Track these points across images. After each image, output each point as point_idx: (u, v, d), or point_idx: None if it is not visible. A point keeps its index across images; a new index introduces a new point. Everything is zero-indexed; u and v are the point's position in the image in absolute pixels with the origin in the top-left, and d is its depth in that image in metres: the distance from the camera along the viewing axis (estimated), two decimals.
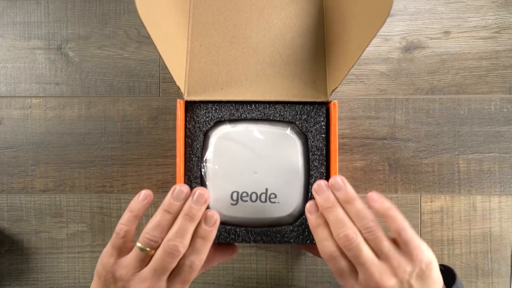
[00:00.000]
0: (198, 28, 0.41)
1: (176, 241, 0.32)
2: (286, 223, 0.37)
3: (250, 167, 0.37)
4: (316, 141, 0.37)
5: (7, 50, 0.48)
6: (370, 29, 0.29)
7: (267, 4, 0.42)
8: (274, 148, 0.37)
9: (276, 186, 0.37)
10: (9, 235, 0.48)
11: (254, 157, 0.37)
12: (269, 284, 0.48)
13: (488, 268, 0.47)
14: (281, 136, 0.37)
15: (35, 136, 0.48)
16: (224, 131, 0.37)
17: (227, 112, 0.38)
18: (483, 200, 0.47)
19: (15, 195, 0.48)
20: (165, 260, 0.32)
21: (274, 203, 0.37)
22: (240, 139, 0.37)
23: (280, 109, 0.38)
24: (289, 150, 0.37)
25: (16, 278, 0.48)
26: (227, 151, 0.37)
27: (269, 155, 0.37)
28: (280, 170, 0.37)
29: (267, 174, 0.37)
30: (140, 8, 0.26)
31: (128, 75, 0.48)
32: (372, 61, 0.48)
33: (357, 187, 0.47)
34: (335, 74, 0.37)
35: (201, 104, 0.38)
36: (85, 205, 0.48)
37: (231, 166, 0.37)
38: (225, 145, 0.37)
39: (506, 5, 0.47)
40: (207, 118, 0.38)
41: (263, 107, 0.38)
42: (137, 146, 0.48)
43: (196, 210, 0.33)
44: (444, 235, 0.47)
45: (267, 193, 0.37)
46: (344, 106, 0.48)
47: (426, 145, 0.47)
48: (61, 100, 0.48)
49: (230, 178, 0.37)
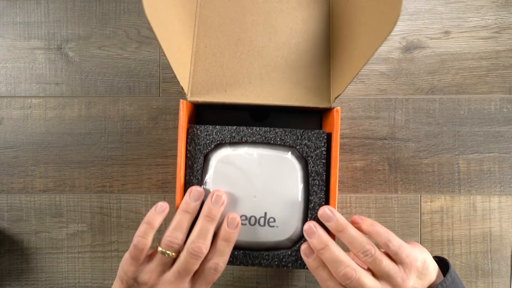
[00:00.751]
0: (203, 29, 0.41)
1: (199, 242, 0.33)
2: (284, 247, 0.37)
3: (249, 190, 0.37)
4: (316, 166, 0.37)
5: (7, 50, 0.48)
6: (376, 37, 0.29)
7: (274, 8, 0.42)
8: (274, 172, 0.37)
9: (275, 210, 0.37)
10: (9, 235, 0.48)
11: (254, 180, 0.37)
12: (269, 284, 0.48)
13: (488, 268, 0.47)
14: (282, 160, 0.37)
15: (35, 136, 0.48)
16: (224, 154, 0.37)
17: (228, 134, 0.37)
18: (483, 200, 0.47)
19: (15, 195, 0.48)
20: (189, 262, 0.33)
21: (272, 227, 0.37)
22: (240, 162, 0.37)
23: (281, 133, 0.37)
24: (289, 175, 0.37)
25: (16, 278, 0.48)
26: (227, 174, 0.37)
27: (268, 179, 0.37)
28: (280, 194, 0.37)
29: (266, 198, 0.37)
30: (147, 8, 0.27)
31: (128, 75, 0.48)
32: (372, 61, 0.48)
33: (357, 187, 0.48)
34: (339, 81, 0.37)
35: (202, 127, 0.37)
36: (85, 205, 0.48)
37: (230, 189, 0.37)
38: (225, 168, 0.37)
39: (506, 5, 0.47)
40: (207, 140, 0.37)
41: (264, 131, 0.37)
42: (137, 146, 0.48)
43: (216, 211, 0.34)
44: (444, 235, 0.47)
45: (266, 217, 0.37)
46: (344, 106, 0.48)
47: (426, 145, 0.47)
48: (61, 100, 0.48)
49: (229, 201, 0.37)
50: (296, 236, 0.37)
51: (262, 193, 0.37)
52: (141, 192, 0.48)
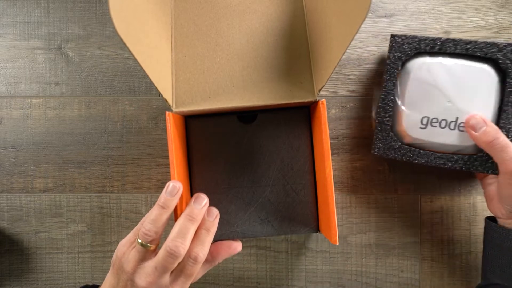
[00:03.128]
0: (181, 39, 0.41)
1: (178, 241, 0.33)
2: (470, 153, 0.40)
3: (444, 96, 0.40)
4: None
5: (7, 50, 0.48)
6: (351, 25, 0.29)
7: (248, 9, 0.42)
8: (470, 82, 0.40)
9: (467, 116, 0.40)
10: (9, 235, 0.48)
11: (449, 87, 0.40)
12: (269, 284, 0.48)
13: None
14: (479, 71, 0.40)
15: (35, 136, 0.48)
16: (423, 62, 0.40)
17: (429, 45, 0.40)
18: (483, 200, 0.47)
19: (15, 195, 0.48)
20: (167, 261, 0.33)
21: (462, 131, 0.40)
22: (438, 70, 0.40)
23: (482, 45, 0.39)
24: (485, 85, 0.39)
25: (16, 278, 0.48)
26: (424, 80, 0.40)
27: (464, 87, 0.40)
28: (473, 102, 0.40)
29: (460, 104, 0.40)
30: (118, 24, 0.26)
31: (128, 75, 0.48)
32: (372, 61, 0.48)
33: (357, 187, 0.47)
34: (321, 73, 0.37)
35: (404, 36, 0.40)
36: (85, 205, 0.48)
37: (426, 93, 0.40)
38: (422, 74, 0.40)
39: (506, 5, 0.47)
40: (408, 49, 0.40)
41: (465, 42, 0.40)
42: (137, 146, 0.48)
43: (198, 211, 0.35)
44: (444, 235, 0.47)
45: (456, 122, 0.40)
46: (344, 106, 0.48)
47: None
48: (61, 100, 0.48)
49: (423, 104, 0.40)
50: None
51: (456, 99, 0.40)
52: (141, 192, 0.48)
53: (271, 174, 0.42)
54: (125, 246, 0.35)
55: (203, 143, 0.42)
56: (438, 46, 0.40)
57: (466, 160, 0.40)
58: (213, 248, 0.38)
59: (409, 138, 0.41)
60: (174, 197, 0.34)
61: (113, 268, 0.35)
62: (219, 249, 0.38)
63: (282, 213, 0.41)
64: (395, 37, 0.41)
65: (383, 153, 0.42)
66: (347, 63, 0.48)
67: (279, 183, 0.42)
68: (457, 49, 0.40)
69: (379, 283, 0.48)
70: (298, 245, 0.48)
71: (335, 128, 0.47)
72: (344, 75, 0.48)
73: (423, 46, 0.40)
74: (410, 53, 0.41)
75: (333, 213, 0.36)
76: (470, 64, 0.40)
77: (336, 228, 0.36)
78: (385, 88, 0.41)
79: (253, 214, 0.41)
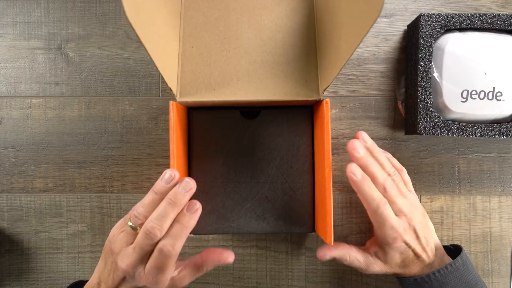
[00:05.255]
0: (189, 30, 0.41)
1: (154, 223, 0.33)
2: (506, 121, 0.42)
3: (480, 68, 0.41)
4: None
5: (7, 50, 0.48)
6: (361, 27, 0.29)
7: (258, 5, 0.42)
8: (503, 51, 0.41)
9: (504, 85, 0.41)
10: (9, 235, 0.48)
11: (484, 59, 0.41)
12: (269, 284, 0.48)
13: (488, 268, 0.47)
14: (506, 41, 0.42)
15: (35, 136, 0.48)
16: (455, 37, 0.42)
17: (458, 21, 0.42)
18: (483, 200, 0.47)
19: (15, 195, 0.48)
20: (143, 241, 0.33)
21: (499, 100, 0.41)
22: (470, 43, 0.42)
23: (505, 18, 0.41)
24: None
25: (16, 278, 0.48)
26: (460, 54, 0.41)
27: (498, 57, 0.41)
28: (508, 70, 0.41)
29: (495, 74, 0.41)
30: (129, 10, 0.26)
31: (128, 75, 0.48)
32: (372, 61, 0.48)
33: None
34: (327, 73, 0.37)
35: (433, 14, 0.42)
36: (85, 205, 0.48)
37: (462, 67, 0.41)
38: (456, 49, 0.41)
39: (506, 5, 0.47)
40: (437, 26, 0.42)
41: (490, 17, 0.42)
42: (137, 146, 0.48)
43: (181, 196, 0.33)
44: (444, 235, 0.47)
45: (494, 92, 0.41)
46: (344, 106, 0.48)
47: (426, 145, 0.47)
48: (61, 100, 0.48)
49: (462, 78, 0.41)
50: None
51: (491, 69, 0.41)
52: (141, 192, 0.48)
53: (270, 171, 0.42)
54: (116, 229, 0.36)
55: (204, 136, 0.42)
56: (466, 22, 0.42)
57: (503, 129, 0.42)
58: (203, 254, 0.37)
59: (451, 113, 0.42)
60: (168, 185, 0.34)
61: (104, 251, 0.36)
62: (209, 256, 0.37)
63: (278, 211, 0.41)
64: (424, 16, 0.42)
65: (429, 131, 0.42)
66: (347, 63, 0.48)
67: (277, 181, 0.42)
68: (484, 23, 0.42)
69: (379, 283, 0.48)
70: (298, 245, 0.48)
71: (335, 128, 0.47)
72: (344, 75, 0.48)
73: (452, 23, 0.42)
74: (441, 30, 0.42)
75: (330, 213, 0.36)
76: (500, 37, 0.42)
77: (332, 228, 0.36)
78: (422, 67, 0.42)
79: (250, 209, 0.41)
